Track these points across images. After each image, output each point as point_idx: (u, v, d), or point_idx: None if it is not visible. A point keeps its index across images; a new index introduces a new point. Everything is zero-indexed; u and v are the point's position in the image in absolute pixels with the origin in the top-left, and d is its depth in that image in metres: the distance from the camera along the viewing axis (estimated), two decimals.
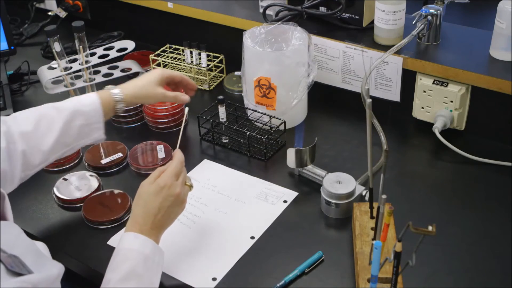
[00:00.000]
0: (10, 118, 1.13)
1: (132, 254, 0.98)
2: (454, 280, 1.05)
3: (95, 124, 1.18)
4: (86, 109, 1.17)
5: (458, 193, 1.25)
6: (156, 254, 1.01)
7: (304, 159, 1.26)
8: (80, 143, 1.18)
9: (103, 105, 1.19)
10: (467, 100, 1.35)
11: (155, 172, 1.07)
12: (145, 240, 1.00)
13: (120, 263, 0.98)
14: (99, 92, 1.22)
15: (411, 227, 0.82)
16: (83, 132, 1.17)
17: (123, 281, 0.95)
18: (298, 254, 1.11)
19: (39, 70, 1.59)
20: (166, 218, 1.04)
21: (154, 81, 1.26)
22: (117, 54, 1.60)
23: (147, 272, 0.98)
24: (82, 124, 1.16)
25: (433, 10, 1.38)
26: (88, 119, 1.17)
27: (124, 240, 1.01)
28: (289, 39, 1.40)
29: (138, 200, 1.05)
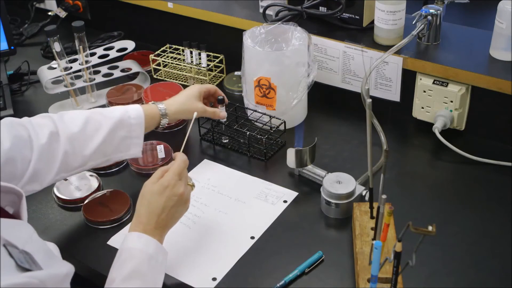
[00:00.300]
0: (57, 117, 1.12)
1: (136, 254, 0.98)
2: (454, 280, 1.06)
3: (135, 139, 1.19)
4: (132, 122, 1.18)
5: (458, 193, 1.25)
6: (159, 253, 1.01)
7: (304, 159, 1.26)
8: (117, 156, 1.19)
9: (146, 120, 1.20)
10: (467, 100, 1.35)
11: (158, 172, 1.07)
12: (149, 239, 1.00)
13: (124, 262, 0.98)
14: (144, 106, 1.23)
15: (411, 227, 0.82)
16: (123, 144, 1.18)
17: (127, 280, 0.95)
18: (298, 254, 1.11)
19: (39, 70, 1.59)
20: (170, 217, 1.05)
21: (193, 96, 1.31)
22: (117, 54, 1.60)
23: (151, 271, 0.99)
24: (124, 136, 1.17)
25: (433, 10, 1.38)
26: (130, 132, 1.18)
27: (128, 240, 1.01)
28: (289, 39, 1.40)
29: (142, 200, 1.05)
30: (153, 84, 1.53)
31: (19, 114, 1.57)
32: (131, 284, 0.95)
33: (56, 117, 1.12)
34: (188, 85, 1.63)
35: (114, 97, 1.51)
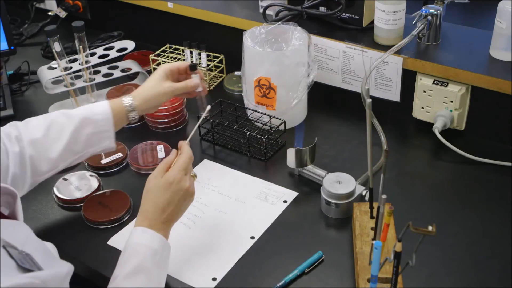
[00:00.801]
0: (22, 124, 1.13)
1: (140, 249, 0.98)
2: (454, 280, 1.06)
3: (105, 133, 1.17)
4: (97, 117, 1.16)
5: (458, 193, 1.25)
6: (164, 248, 1.01)
7: (304, 159, 1.26)
8: (89, 151, 1.18)
9: (114, 114, 1.18)
10: (467, 100, 1.35)
11: (162, 165, 1.06)
12: (154, 234, 1.00)
13: (129, 258, 0.98)
14: (111, 100, 1.21)
15: (411, 227, 0.82)
16: (92, 140, 1.16)
17: (131, 275, 0.95)
18: (298, 254, 1.11)
19: (39, 70, 1.59)
20: (177, 211, 1.05)
21: (159, 78, 1.23)
22: (117, 54, 1.60)
23: (156, 266, 0.98)
24: (91, 132, 1.15)
25: (433, 10, 1.37)
26: (97, 127, 1.16)
27: (132, 235, 1.01)
28: (289, 39, 1.40)
29: (147, 194, 1.04)
30: None
31: (19, 114, 1.58)
32: (135, 280, 0.95)
33: (21, 124, 1.13)
34: None
35: (114, 97, 1.49)
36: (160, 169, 1.06)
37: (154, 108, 1.26)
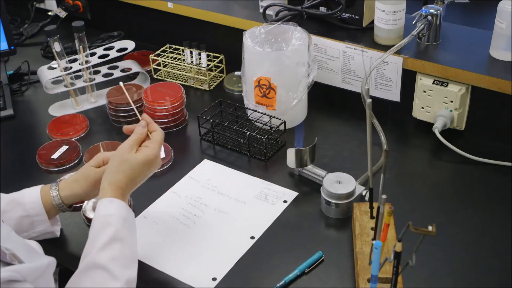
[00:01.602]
0: None
1: (111, 219, 0.99)
2: (454, 280, 1.05)
3: (35, 217, 1.09)
4: (26, 200, 1.09)
5: (458, 193, 1.25)
6: (130, 214, 1.04)
7: (304, 159, 1.26)
8: (23, 236, 1.07)
9: (43, 197, 1.10)
10: (467, 100, 1.35)
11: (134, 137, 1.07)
12: (120, 203, 1.02)
13: (100, 230, 0.98)
14: (44, 186, 1.12)
15: (411, 227, 0.82)
16: (23, 224, 1.09)
17: (106, 246, 0.96)
18: (298, 254, 1.11)
19: (39, 70, 1.59)
20: (142, 181, 1.08)
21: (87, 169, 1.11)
22: (117, 54, 1.60)
23: (128, 233, 1.00)
24: (21, 216, 1.09)
25: (433, 10, 1.37)
26: (27, 210, 1.09)
27: (99, 208, 1.01)
28: (289, 39, 1.40)
29: (122, 165, 1.04)
30: (153, 84, 1.53)
31: (19, 114, 1.58)
32: (111, 249, 0.96)
33: None
34: (188, 85, 1.64)
35: (114, 97, 1.51)
36: (134, 142, 1.07)
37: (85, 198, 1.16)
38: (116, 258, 0.95)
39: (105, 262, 0.94)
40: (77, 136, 1.47)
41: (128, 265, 0.97)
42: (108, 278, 0.93)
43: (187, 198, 1.26)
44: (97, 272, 0.93)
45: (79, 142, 1.43)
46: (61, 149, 1.40)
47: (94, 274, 0.93)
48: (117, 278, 0.93)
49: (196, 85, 1.64)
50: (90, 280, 0.93)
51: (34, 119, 1.58)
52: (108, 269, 0.93)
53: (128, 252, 0.98)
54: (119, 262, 0.95)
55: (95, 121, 1.53)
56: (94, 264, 0.94)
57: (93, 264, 0.94)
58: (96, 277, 0.93)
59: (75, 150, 1.40)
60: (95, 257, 0.95)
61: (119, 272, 0.94)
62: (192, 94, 1.62)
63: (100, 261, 0.94)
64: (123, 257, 0.97)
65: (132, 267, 0.98)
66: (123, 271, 0.95)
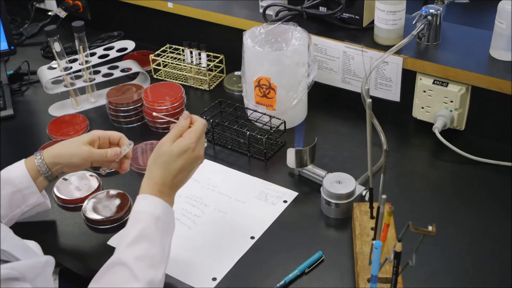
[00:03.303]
0: None
1: (142, 216, 0.97)
2: (454, 280, 1.05)
3: (25, 190, 1.10)
4: (13, 176, 1.10)
5: (458, 193, 1.25)
6: (168, 214, 1.00)
7: (304, 159, 1.26)
8: (17, 213, 1.12)
9: (29, 169, 1.11)
10: (467, 100, 1.35)
11: (175, 131, 1.04)
12: (155, 200, 0.99)
13: (130, 227, 0.97)
14: (28, 158, 1.14)
15: (411, 227, 0.82)
16: (15, 200, 1.10)
17: (133, 243, 0.94)
18: (298, 254, 1.11)
19: (39, 70, 1.59)
20: (185, 177, 1.04)
21: (80, 140, 1.15)
22: (117, 54, 1.60)
23: (159, 233, 0.97)
24: (12, 192, 1.09)
25: (433, 10, 1.38)
26: (16, 185, 1.09)
27: (135, 204, 1.00)
28: (289, 39, 1.40)
29: (158, 159, 1.02)
30: (153, 84, 1.53)
31: (19, 114, 1.58)
32: (137, 247, 0.94)
33: None
34: (188, 85, 1.64)
35: (114, 97, 1.50)
36: (173, 135, 1.03)
37: (68, 168, 1.15)
38: (141, 257, 0.93)
39: (129, 260, 0.92)
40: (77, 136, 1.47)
41: (153, 266, 0.94)
42: (129, 277, 0.91)
43: (187, 198, 1.26)
44: (120, 269, 0.92)
45: None
46: None
47: (117, 270, 0.93)
48: (138, 278, 0.91)
49: (196, 85, 1.64)
50: (113, 276, 0.92)
51: (34, 119, 1.58)
52: (131, 267, 0.92)
53: (156, 252, 0.96)
54: (144, 262, 0.93)
55: (95, 121, 1.53)
56: (119, 260, 0.93)
57: (118, 261, 0.93)
58: (118, 274, 0.92)
59: None
60: (121, 253, 0.94)
61: (142, 272, 0.92)
62: (192, 94, 1.62)
63: (124, 258, 0.93)
64: (149, 257, 0.94)
65: (158, 268, 0.95)
66: (147, 271, 0.93)
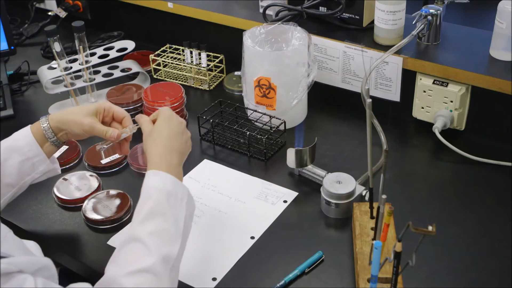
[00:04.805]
0: None
1: (153, 192, 0.97)
2: (454, 280, 1.05)
3: (35, 158, 1.11)
4: (20, 144, 1.10)
5: (458, 193, 1.25)
6: (179, 189, 1.00)
7: (304, 159, 1.26)
8: (28, 180, 1.12)
9: (35, 136, 1.11)
10: (467, 100, 1.35)
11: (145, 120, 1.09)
12: (166, 176, 0.99)
13: (142, 203, 0.97)
14: (34, 124, 1.14)
15: (411, 227, 0.82)
16: (25, 168, 1.10)
17: (146, 220, 0.94)
18: (298, 254, 1.11)
19: (39, 70, 1.59)
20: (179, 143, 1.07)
21: (86, 110, 1.13)
22: (117, 54, 1.60)
23: (171, 208, 0.97)
24: (20, 161, 1.09)
25: (433, 10, 1.38)
26: (24, 154, 1.10)
27: (145, 180, 1.00)
28: (289, 39, 1.40)
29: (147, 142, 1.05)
30: (153, 84, 1.53)
31: (19, 114, 1.58)
32: (151, 223, 0.94)
33: None
34: (188, 85, 1.64)
35: (114, 97, 1.51)
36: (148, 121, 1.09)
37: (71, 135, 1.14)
38: (154, 233, 0.93)
39: (143, 235, 0.92)
40: None
41: (168, 241, 0.94)
42: (144, 251, 0.91)
43: None
44: (135, 244, 0.92)
45: (79, 142, 1.43)
46: (61, 149, 1.40)
47: (133, 247, 0.92)
48: (152, 253, 0.91)
49: (196, 85, 1.64)
50: (129, 252, 0.92)
51: (34, 119, 1.56)
52: (145, 242, 0.91)
53: (170, 227, 0.95)
54: (158, 237, 0.93)
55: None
56: (133, 236, 0.93)
57: (132, 237, 0.93)
58: (133, 250, 0.92)
59: (75, 150, 1.40)
60: (135, 229, 0.94)
61: (157, 248, 0.91)
62: (192, 94, 1.62)
63: (138, 234, 0.93)
64: (163, 232, 0.94)
65: (173, 243, 0.94)
66: (161, 246, 0.92)
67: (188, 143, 1.11)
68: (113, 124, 1.17)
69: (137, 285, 0.88)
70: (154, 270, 0.89)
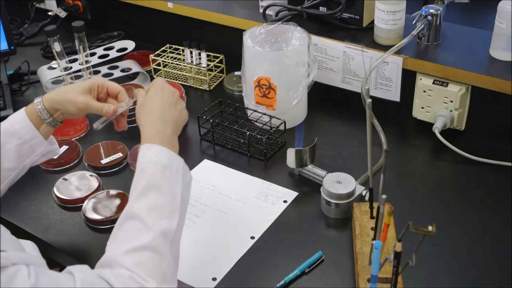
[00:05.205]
0: None
1: (147, 166, 0.96)
2: (454, 280, 1.05)
3: (32, 141, 1.09)
4: (16, 127, 1.08)
5: (458, 193, 1.25)
6: (174, 162, 0.98)
7: (304, 159, 1.26)
8: (27, 163, 1.11)
9: (30, 118, 1.09)
10: (467, 100, 1.35)
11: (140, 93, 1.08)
12: (160, 149, 0.97)
13: (138, 178, 0.95)
14: (28, 106, 1.11)
15: (411, 227, 0.82)
16: (23, 151, 1.09)
17: (142, 195, 0.93)
18: (298, 254, 1.11)
19: (39, 70, 1.59)
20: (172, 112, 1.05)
21: (79, 88, 1.11)
22: (117, 54, 1.60)
23: (167, 181, 0.95)
24: (18, 144, 1.08)
25: (433, 10, 1.38)
26: (22, 137, 1.08)
27: (139, 155, 0.98)
28: (289, 39, 1.40)
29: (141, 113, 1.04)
30: None
31: None
32: (147, 198, 0.92)
33: None
34: (188, 85, 1.64)
35: None
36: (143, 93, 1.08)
37: (67, 114, 1.12)
38: (151, 208, 0.92)
39: (140, 212, 0.91)
40: (77, 136, 1.47)
41: (165, 216, 0.92)
42: (142, 228, 0.90)
43: None
44: (133, 222, 0.91)
45: (79, 142, 1.43)
46: (61, 149, 1.40)
47: (130, 224, 0.91)
48: (150, 229, 0.89)
49: (196, 85, 1.64)
50: (127, 229, 0.91)
51: None
52: (142, 219, 0.90)
53: (167, 201, 0.93)
54: (154, 212, 0.92)
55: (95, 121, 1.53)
56: (131, 213, 0.92)
57: (130, 214, 0.92)
58: (131, 227, 0.91)
59: (75, 150, 1.40)
60: (132, 206, 0.93)
61: (154, 223, 0.90)
62: (192, 94, 1.62)
63: (135, 210, 0.92)
64: (160, 207, 0.92)
65: (170, 217, 0.93)
66: (159, 222, 0.91)
67: (183, 113, 1.09)
68: (109, 100, 1.15)
69: (137, 262, 0.87)
70: (153, 246, 0.89)
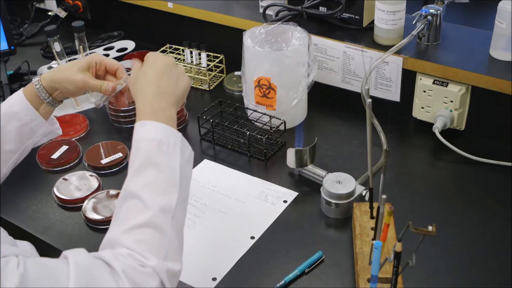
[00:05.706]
0: None
1: (142, 144, 0.93)
2: (454, 280, 1.05)
3: (32, 122, 1.09)
4: (15, 109, 1.08)
5: (458, 193, 1.25)
6: (170, 136, 0.94)
7: (304, 159, 1.26)
8: (29, 144, 1.11)
9: (29, 99, 1.09)
10: (467, 100, 1.35)
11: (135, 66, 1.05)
12: (154, 125, 0.94)
13: (133, 157, 0.93)
14: (26, 86, 1.11)
15: (411, 227, 0.82)
16: (23, 133, 1.09)
17: (138, 172, 0.91)
18: (298, 254, 1.11)
19: (39, 70, 1.59)
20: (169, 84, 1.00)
21: (77, 66, 1.10)
22: (117, 54, 1.60)
23: (164, 157, 0.92)
24: (18, 126, 1.08)
25: (433, 10, 1.38)
26: (21, 119, 1.08)
27: (134, 133, 0.95)
28: (289, 39, 1.40)
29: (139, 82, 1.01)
30: None
31: None
32: (143, 176, 0.90)
33: None
34: None
35: None
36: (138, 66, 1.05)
37: (66, 93, 1.12)
38: (148, 185, 0.90)
39: (137, 190, 0.89)
40: (77, 136, 1.47)
41: (163, 192, 0.90)
42: (140, 206, 0.88)
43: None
44: (131, 200, 0.90)
45: (79, 142, 1.43)
46: (61, 149, 1.40)
47: (129, 202, 0.90)
48: (148, 206, 0.88)
49: (196, 85, 1.64)
50: (126, 209, 0.90)
51: None
52: (140, 197, 0.89)
53: (164, 177, 0.91)
54: (152, 189, 0.89)
55: (95, 121, 1.53)
56: (128, 192, 0.90)
57: (128, 193, 0.90)
58: (130, 206, 0.89)
59: (75, 150, 1.40)
60: (129, 184, 0.91)
61: (153, 200, 0.88)
62: (192, 94, 1.62)
63: (133, 188, 0.90)
64: (157, 183, 0.90)
65: (169, 193, 0.90)
66: (157, 198, 0.88)
67: (182, 79, 1.03)
68: (107, 77, 1.13)
69: (136, 240, 0.85)
70: (153, 223, 0.87)
